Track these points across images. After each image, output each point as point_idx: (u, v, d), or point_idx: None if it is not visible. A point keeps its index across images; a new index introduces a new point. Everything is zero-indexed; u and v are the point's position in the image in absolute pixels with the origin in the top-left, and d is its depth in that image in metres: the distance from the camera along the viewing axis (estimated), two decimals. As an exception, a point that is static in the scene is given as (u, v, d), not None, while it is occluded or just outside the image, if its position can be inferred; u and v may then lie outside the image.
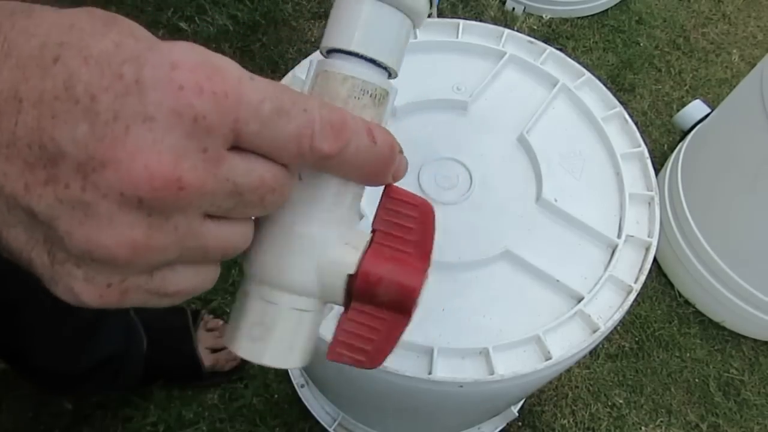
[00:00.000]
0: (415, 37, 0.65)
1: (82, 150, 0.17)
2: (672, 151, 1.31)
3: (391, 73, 0.28)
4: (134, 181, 0.18)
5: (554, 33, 1.53)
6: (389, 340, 0.26)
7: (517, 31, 0.72)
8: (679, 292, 1.22)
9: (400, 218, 0.26)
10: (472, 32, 0.67)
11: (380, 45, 0.26)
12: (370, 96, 0.25)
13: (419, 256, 0.26)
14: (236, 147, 0.20)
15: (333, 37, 0.26)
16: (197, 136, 0.18)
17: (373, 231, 0.26)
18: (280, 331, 0.25)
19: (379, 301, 0.25)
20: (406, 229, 0.26)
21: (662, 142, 1.40)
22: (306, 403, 0.99)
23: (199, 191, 0.19)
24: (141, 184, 0.18)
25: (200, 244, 0.21)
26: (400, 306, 0.25)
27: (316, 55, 0.28)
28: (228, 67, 0.19)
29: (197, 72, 0.18)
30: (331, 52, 0.27)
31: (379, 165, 0.24)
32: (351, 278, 0.25)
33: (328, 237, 0.25)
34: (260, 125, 0.20)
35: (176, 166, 0.18)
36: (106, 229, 0.18)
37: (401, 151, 0.25)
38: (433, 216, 0.26)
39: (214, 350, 1.05)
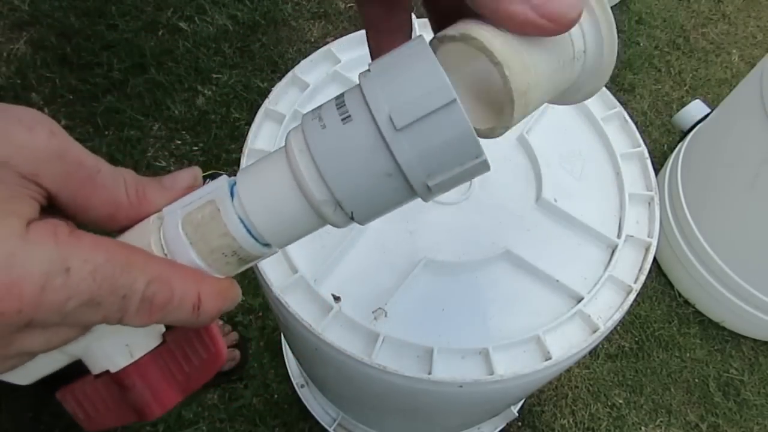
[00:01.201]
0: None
1: None
2: (672, 151, 1.31)
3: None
4: None
5: (554, 33, 1.53)
6: (115, 420, 0.27)
7: (517, 31, 0.72)
8: (678, 292, 1.22)
9: (191, 349, 0.26)
10: (472, 32, 0.67)
11: (279, 232, 0.24)
12: (239, 258, 0.24)
13: (180, 389, 0.26)
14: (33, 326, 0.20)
15: (245, 182, 0.24)
16: None
17: (163, 341, 0.26)
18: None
19: (126, 397, 0.26)
20: (189, 361, 0.26)
21: (662, 142, 1.40)
22: (306, 404, 0.99)
23: None
24: None
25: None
26: (138, 413, 0.26)
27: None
28: (32, 274, 0.19)
29: None
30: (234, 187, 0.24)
31: (195, 326, 0.25)
32: (109, 372, 0.25)
33: (114, 335, 0.25)
34: (60, 317, 0.20)
35: None
36: None
37: (235, 298, 0.25)
38: (217, 370, 0.27)
39: (214, 350, 1.05)
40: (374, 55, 0.28)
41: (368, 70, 0.22)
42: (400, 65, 0.21)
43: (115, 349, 0.25)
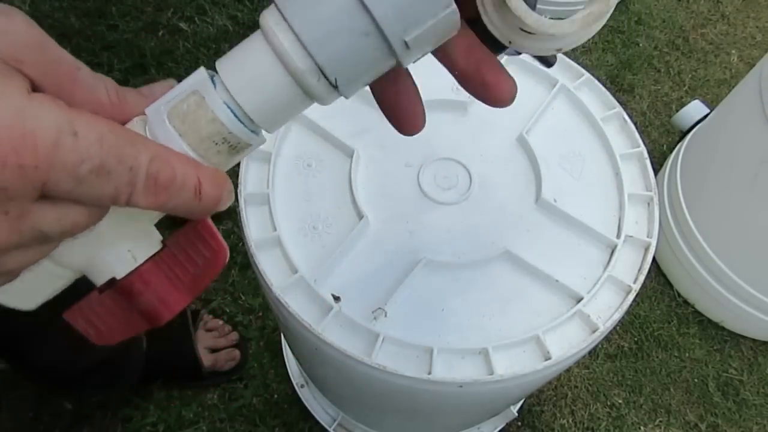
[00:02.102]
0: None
1: None
2: (671, 152, 1.32)
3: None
4: None
5: (553, 33, 1.53)
6: (126, 331, 0.27)
7: (517, 31, 0.72)
8: (678, 292, 1.22)
9: (193, 250, 0.26)
10: (472, 33, 0.67)
11: (264, 111, 0.24)
12: (230, 146, 0.24)
13: (187, 290, 0.26)
14: (46, 196, 0.20)
15: (225, 66, 0.23)
16: None
17: (164, 246, 0.26)
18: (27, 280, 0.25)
19: (134, 305, 0.26)
20: (192, 262, 0.26)
21: (661, 142, 1.40)
22: (306, 403, 0.99)
23: (4, 246, 0.20)
24: None
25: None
26: (149, 318, 0.26)
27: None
28: (44, 128, 0.19)
29: (4, 144, 0.18)
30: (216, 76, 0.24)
31: (196, 215, 0.24)
32: (115, 280, 0.25)
33: (115, 240, 0.25)
34: (73, 184, 0.20)
35: None
36: None
37: (231, 190, 0.25)
38: (223, 265, 0.27)
39: (214, 350, 1.05)
40: None
41: None
42: None
43: (118, 256, 0.25)
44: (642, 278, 0.54)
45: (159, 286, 0.26)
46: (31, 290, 0.25)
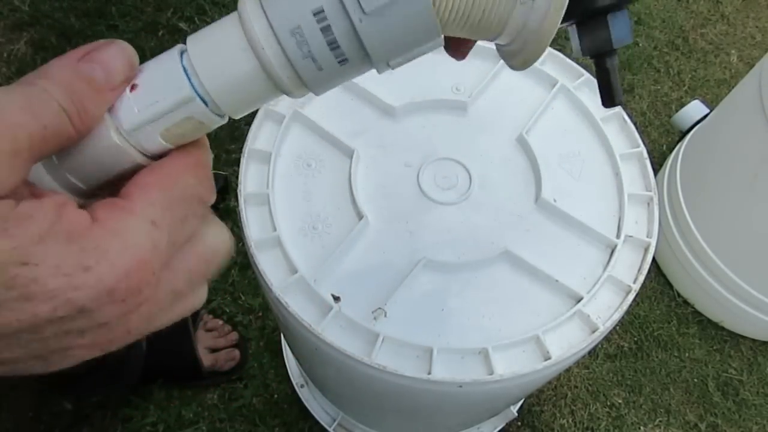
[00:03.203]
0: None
1: None
2: (671, 152, 1.32)
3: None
4: None
5: (553, 33, 1.53)
6: None
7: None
8: (677, 292, 1.22)
9: None
10: (472, 33, 0.67)
11: (231, 99, 0.23)
12: (193, 126, 0.23)
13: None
14: None
15: (197, 50, 0.23)
16: None
17: None
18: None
19: None
20: None
21: (661, 142, 1.40)
22: (305, 403, 0.99)
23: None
24: None
25: None
26: None
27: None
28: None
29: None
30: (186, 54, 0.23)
31: None
32: None
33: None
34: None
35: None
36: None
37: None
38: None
39: (214, 350, 1.05)
40: None
41: None
42: None
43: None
44: (642, 278, 0.54)
45: None
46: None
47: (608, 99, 0.33)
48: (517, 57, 0.26)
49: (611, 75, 0.32)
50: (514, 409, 0.97)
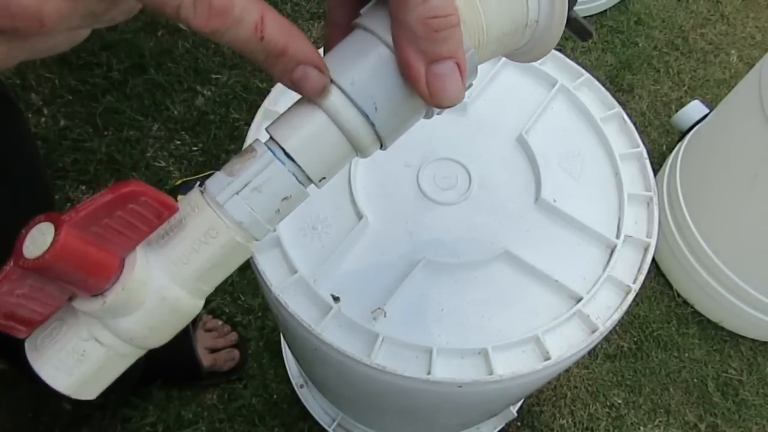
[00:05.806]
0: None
1: None
2: (670, 152, 1.32)
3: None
4: None
5: (553, 33, 1.53)
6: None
7: (516, 31, 0.72)
8: (677, 292, 1.22)
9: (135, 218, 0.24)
10: (471, 33, 0.67)
11: (320, 167, 0.27)
12: (287, 203, 0.28)
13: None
14: None
15: (282, 132, 0.26)
16: None
17: None
18: (92, 368, 0.25)
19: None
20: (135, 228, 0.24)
21: (661, 142, 1.40)
22: (305, 404, 0.99)
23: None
24: None
25: None
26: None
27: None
28: None
29: None
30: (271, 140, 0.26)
31: (264, 63, 0.23)
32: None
33: None
34: None
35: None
36: None
37: (319, 69, 0.24)
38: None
39: (213, 350, 1.05)
40: (329, 45, 0.28)
41: None
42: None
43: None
44: (641, 278, 0.53)
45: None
46: (96, 379, 0.25)
47: (585, 33, 0.36)
48: (527, 56, 0.30)
49: (578, 20, 0.35)
50: (514, 410, 0.97)
